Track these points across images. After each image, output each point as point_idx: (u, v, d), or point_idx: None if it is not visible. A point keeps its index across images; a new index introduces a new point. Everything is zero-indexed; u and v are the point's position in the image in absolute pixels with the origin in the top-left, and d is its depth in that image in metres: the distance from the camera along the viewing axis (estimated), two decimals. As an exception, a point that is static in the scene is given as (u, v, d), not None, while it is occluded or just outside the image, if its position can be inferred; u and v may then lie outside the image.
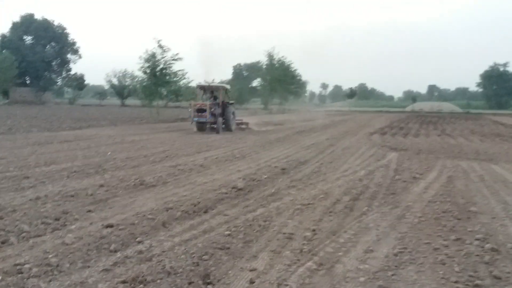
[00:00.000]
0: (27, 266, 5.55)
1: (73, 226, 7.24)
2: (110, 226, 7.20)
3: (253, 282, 5.25)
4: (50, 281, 5.22)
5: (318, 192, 10.29)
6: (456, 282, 5.38)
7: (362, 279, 5.39)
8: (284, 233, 7.10)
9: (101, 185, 10.39)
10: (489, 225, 7.84)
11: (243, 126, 31.31)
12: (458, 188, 11.13)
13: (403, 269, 5.73)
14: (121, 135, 24.20)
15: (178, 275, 5.40)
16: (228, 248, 6.37)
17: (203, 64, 58.84)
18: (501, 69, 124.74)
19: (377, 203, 9.32)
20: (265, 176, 12.18)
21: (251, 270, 5.60)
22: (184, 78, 46.92)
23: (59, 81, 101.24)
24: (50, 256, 5.90)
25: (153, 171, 12.51)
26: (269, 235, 7.02)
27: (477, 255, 6.28)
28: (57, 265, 5.62)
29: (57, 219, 7.59)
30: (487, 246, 6.62)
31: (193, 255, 6.03)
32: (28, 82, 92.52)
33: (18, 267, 5.53)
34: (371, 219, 8.03)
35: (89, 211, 8.20)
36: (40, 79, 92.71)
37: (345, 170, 13.54)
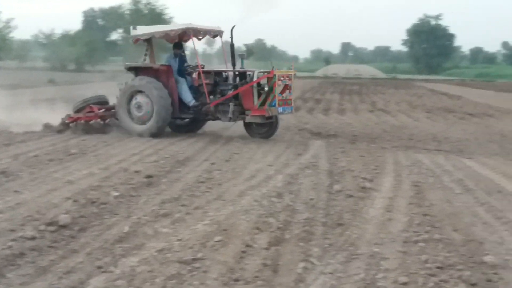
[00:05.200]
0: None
1: None
2: None
3: None
4: None
5: (210, 228, 3.76)
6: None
7: None
8: None
9: None
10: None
11: None
12: (438, 207, 4.44)
13: None
14: None
15: None
16: None
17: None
18: (433, 22, 75.01)
19: (318, 249, 3.43)
20: (116, 194, 4.81)
21: None
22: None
23: None
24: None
25: None
26: None
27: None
28: None
29: None
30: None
31: None
32: None
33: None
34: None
35: None
36: None
37: (251, 175, 5.92)
